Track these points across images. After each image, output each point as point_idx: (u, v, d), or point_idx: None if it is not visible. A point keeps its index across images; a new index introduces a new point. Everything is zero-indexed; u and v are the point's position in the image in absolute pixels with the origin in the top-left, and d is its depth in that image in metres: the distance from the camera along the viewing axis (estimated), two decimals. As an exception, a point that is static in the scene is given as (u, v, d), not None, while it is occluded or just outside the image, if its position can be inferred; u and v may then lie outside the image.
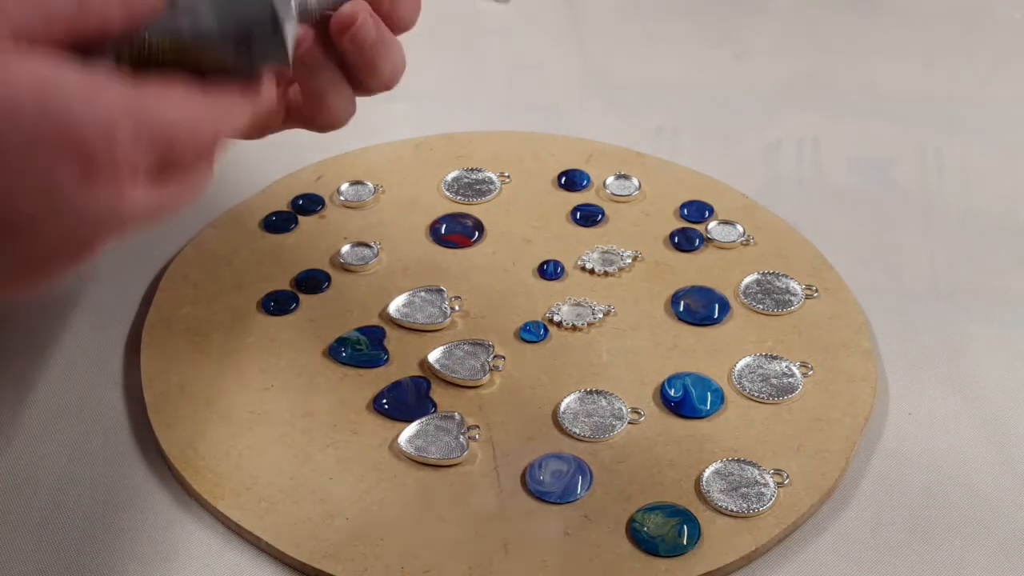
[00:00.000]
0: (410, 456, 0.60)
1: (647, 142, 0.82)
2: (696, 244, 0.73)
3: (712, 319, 0.68)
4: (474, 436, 0.61)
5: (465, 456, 0.60)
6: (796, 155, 0.82)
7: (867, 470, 0.62)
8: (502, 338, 0.66)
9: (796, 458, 0.60)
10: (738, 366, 0.65)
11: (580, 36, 0.94)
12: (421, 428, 0.61)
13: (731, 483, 0.59)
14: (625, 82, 0.89)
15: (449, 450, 0.60)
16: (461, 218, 0.74)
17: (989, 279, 0.73)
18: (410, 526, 0.57)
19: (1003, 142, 0.84)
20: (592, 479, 0.59)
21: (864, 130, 0.84)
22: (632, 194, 0.76)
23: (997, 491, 0.61)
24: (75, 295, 0.69)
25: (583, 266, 0.71)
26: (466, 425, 0.61)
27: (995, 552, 0.58)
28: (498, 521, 0.58)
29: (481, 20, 0.95)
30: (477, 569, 0.55)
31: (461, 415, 0.62)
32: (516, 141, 0.80)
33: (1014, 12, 0.97)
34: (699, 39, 0.94)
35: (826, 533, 0.59)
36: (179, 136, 0.43)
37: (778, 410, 0.63)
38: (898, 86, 0.89)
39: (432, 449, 0.60)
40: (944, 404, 0.65)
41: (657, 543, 0.56)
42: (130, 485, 0.60)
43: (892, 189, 0.80)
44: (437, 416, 0.62)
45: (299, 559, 0.56)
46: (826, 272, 0.71)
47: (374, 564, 0.56)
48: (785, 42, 0.94)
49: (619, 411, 0.63)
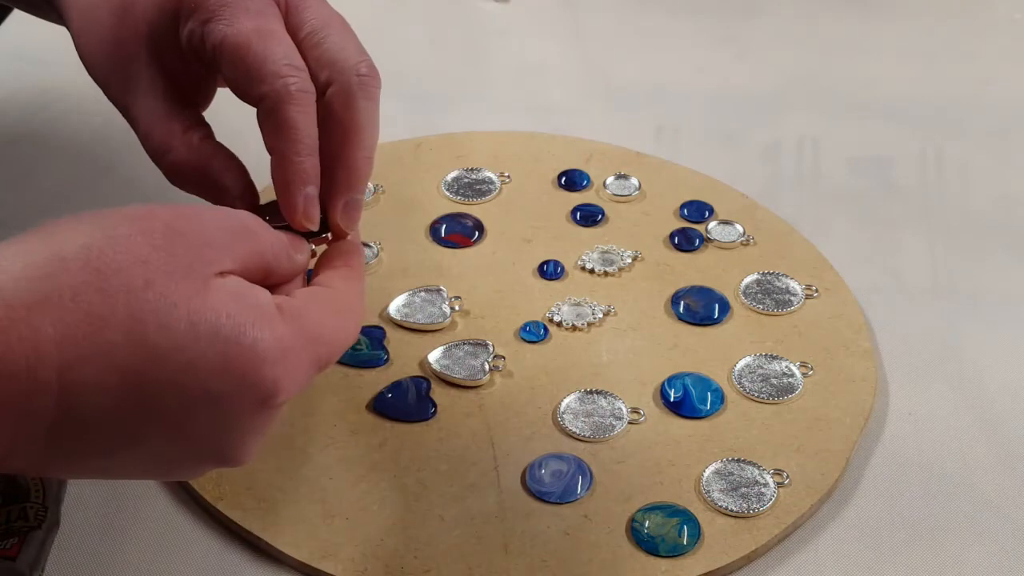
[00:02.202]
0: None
1: (647, 142, 0.82)
2: (696, 244, 0.73)
3: (712, 319, 0.68)
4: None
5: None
6: (796, 155, 0.82)
7: (867, 470, 0.62)
8: (502, 338, 0.66)
9: (796, 458, 0.60)
10: (738, 366, 0.65)
11: (580, 36, 0.94)
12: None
13: (731, 483, 0.59)
14: (625, 82, 0.89)
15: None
16: (461, 218, 0.74)
17: (989, 279, 0.73)
18: (410, 526, 0.57)
19: (1003, 142, 0.84)
20: (592, 479, 0.59)
21: (864, 130, 0.84)
22: (632, 194, 0.76)
23: (997, 491, 0.61)
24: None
25: (583, 266, 0.71)
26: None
27: (995, 552, 0.58)
28: (498, 521, 0.58)
29: (481, 20, 0.95)
30: (477, 569, 0.55)
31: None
32: (516, 141, 0.80)
33: (1014, 12, 0.97)
34: (699, 39, 0.94)
35: (826, 533, 0.59)
36: (336, 352, 0.47)
37: (778, 410, 0.63)
38: (898, 86, 0.89)
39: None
40: (944, 404, 0.65)
41: (657, 543, 0.56)
42: (130, 485, 0.60)
43: (892, 189, 0.80)
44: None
45: (299, 559, 0.56)
46: (826, 272, 0.71)
47: (374, 564, 0.56)
48: (785, 42, 0.94)
49: (619, 411, 0.63)
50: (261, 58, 0.50)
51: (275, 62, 0.50)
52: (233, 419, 0.43)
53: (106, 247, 0.42)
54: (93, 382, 0.41)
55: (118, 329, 0.41)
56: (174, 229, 0.43)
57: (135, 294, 0.41)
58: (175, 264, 0.42)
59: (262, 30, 0.50)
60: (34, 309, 0.40)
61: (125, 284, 0.41)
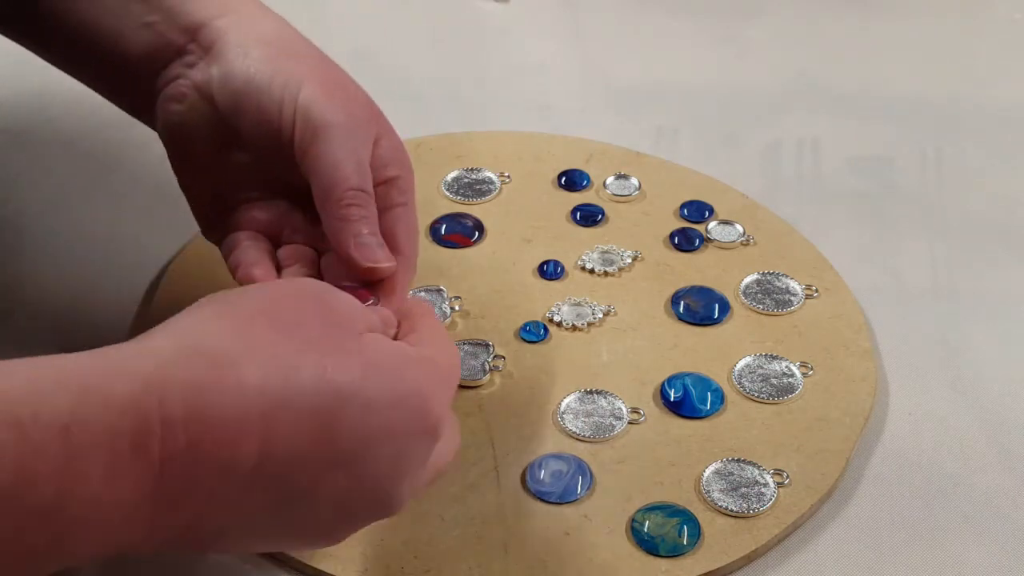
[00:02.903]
0: None
1: (647, 142, 0.82)
2: (696, 244, 0.73)
3: (712, 319, 0.68)
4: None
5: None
6: (796, 155, 0.82)
7: (867, 470, 0.62)
8: (502, 338, 0.66)
9: (796, 458, 0.60)
10: (738, 366, 0.65)
11: (580, 36, 0.94)
12: None
13: (731, 483, 0.59)
14: (625, 82, 0.89)
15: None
16: (461, 218, 0.74)
17: (989, 279, 0.73)
18: (410, 526, 0.57)
19: (1003, 142, 0.84)
20: (592, 479, 0.59)
21: (864, 130, 0.84)
22: (632, 194, 0.76)
23: (997, 491, 0.61)
24: (76, 294, 0.69)
25: (583, 266, 0.71)
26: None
27: (995, 552, 0.58)
28: (498, 521, 0.58)
29: (481, 20, 0.95)
30: (477, 569, 0.55)
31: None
32: (516, 141, 0.80)
33: (1014, 12, 0.97)
34: (699, 39, 0.94)
35: (826, 533, 0.59)
36: (455, 382, 0.51)
37: (778, 410, 0.63)
38: (898, 86, 0.89)
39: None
40: (944, 404, 0.65)
41: (657, 543, 0.56)
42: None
43: (892, 189, 0.80)
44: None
45: (299, 559, 0.56)
46: (826, 272, 0.71)
47: (374, 564, 0.56)
48: (785, 42, 0.94)
49: (619, 411, 0.63)
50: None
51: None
52: (406, 451, 0.46)
53: (277, 305, 0.46)
54: (292, 422, 0.43)
55: (309, 374, 0.44)
56: (321, 299, 0.48)
57: (314, 343, 0.45)
58: (335, 319, 0.47)
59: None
60: (237, 363, 0.43)
61: (305, 335, 0.45)
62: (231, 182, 0.58)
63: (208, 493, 0.42)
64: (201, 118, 0.57)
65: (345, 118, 0.55)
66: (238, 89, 0.56)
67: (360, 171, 0.55)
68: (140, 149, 0.56)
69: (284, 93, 0.55)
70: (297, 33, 0.58)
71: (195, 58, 0.57)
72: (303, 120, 0.55)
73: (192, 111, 0.57)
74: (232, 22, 0.57)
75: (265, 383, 0.43)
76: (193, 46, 0.57)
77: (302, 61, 0.56)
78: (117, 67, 0.58)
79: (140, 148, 0.56)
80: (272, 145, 0.56)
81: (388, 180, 0.57)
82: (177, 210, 0.62)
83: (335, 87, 0.56)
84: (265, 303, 0.46)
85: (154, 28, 0.57)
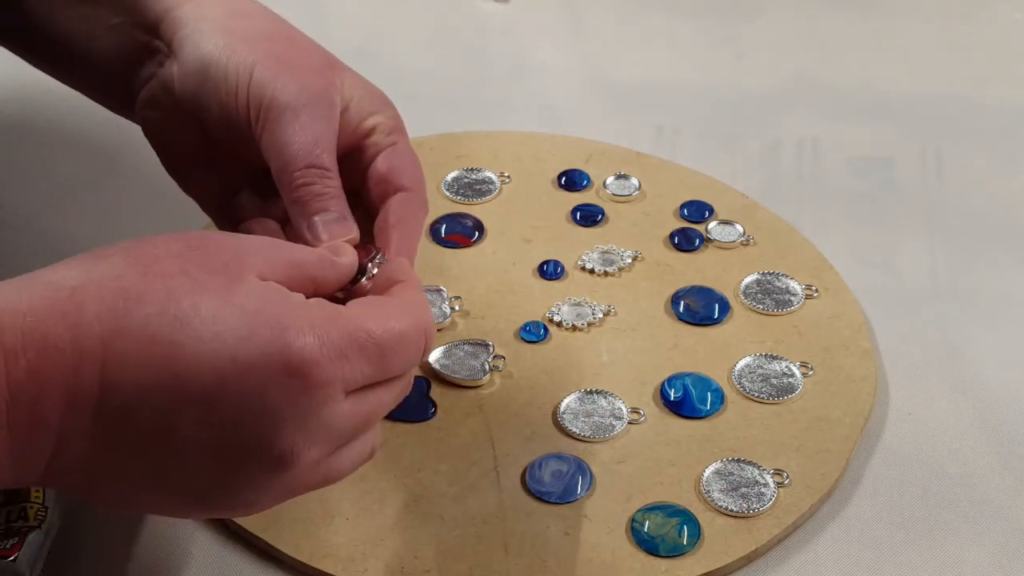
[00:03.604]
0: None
1: (647, 142, 0.82)
2: (696, 244, 0.73)
3: (712, 319, 0.68)
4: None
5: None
6: (796, 155, 0.82)
7: (867, 470, 0.62)
8: (502, 338, 0.66)
9: (796, 458, 0.60)
10: (738, 366, 0.65)
11: (580, 36, 0.94)
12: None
13: (731, 483, 0.59)
14: (625, 82, 0.89)
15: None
16: (461, 218, 0.74)
17: (989, 279, 0.73)
18: (410, 526, 0.57)
19: (1003, 142, 0.84)
20: (592, 479, 0.59)
21: (864, 130, 0.84)
22: (632, 194, 0.76)
23: (997, 491, 0.61)
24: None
25: (583, 266, 0.71)
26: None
27: (995, 552, 0.58)
28: (498, 521, 0.58)
29: (481, 20, 0.95)
30: (477, 569, 0.55)
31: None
32: (516, 141, 0.80)
33: (1014, 12, 0.97)
34: (699, 39, 0.94)
35: (826, 533, 0.59)
36: (391, 347, 0.46)
37: (778, 410, 0.63)
38: (898, 86, 0.89)
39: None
40: (944, 404, 0.65)
41: (657, 543, 0.56)
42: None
43: (892, 189, 0.80)
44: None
45: (299, 559, 0.56)
46: (826, 272, 0.71)
47: (374, 564, 0.56)
48: (785, 42, 0.94)
49: (619, 411, 0.63)
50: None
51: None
52: (270, 393, 0.43)
53: (144, 244, 0.45)
54: (132, 352, 0.42)
55: (153, 304, 0.43)
56: (209, 237, 0.46)
57: (171, 278, 0.44)
58: (209, 260, 0.45)
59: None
60: (77, 290, 0.43)
61: (162, 270, 0.44)
62: (225, 173, 0.58)
63: (59, 420, 0.42)
64: (178, 120, 0.56)
65: (295, 95, 0.53)
66: (198, 85, 0.55)
67: (309, 148, 0.53)
68: (140, 148, 0.56)
69: (238, 81, 0.54)
70: (248, 2, 0.57)
71: (163, 56, 0.56)
72: (255, 108, 0.53)
73: (170, 115, 0.56)
74: (187, 11, 0.56)
75: (102, 308, 0.42)
76: (159, 43, 0.56)
77: (253, 41, 0.55)
78: (97, 72, 0.58)
79: (140, 147, 0.56)
80: (242, 136, 0.55)
81: (370, 129, 0.56)
82: (177, 209, 0.62)
83: (285, 63, 0.54)
84: (133, 240, 0.46)
85: (121, 29, 0.57)
